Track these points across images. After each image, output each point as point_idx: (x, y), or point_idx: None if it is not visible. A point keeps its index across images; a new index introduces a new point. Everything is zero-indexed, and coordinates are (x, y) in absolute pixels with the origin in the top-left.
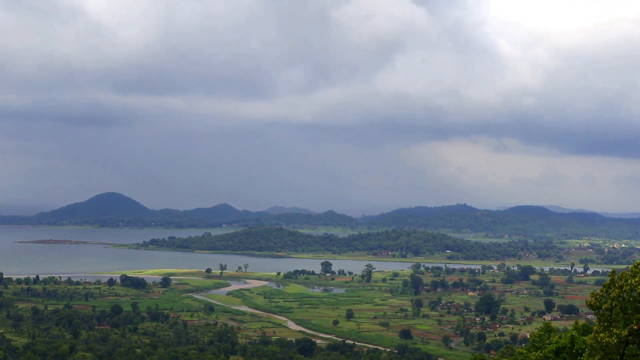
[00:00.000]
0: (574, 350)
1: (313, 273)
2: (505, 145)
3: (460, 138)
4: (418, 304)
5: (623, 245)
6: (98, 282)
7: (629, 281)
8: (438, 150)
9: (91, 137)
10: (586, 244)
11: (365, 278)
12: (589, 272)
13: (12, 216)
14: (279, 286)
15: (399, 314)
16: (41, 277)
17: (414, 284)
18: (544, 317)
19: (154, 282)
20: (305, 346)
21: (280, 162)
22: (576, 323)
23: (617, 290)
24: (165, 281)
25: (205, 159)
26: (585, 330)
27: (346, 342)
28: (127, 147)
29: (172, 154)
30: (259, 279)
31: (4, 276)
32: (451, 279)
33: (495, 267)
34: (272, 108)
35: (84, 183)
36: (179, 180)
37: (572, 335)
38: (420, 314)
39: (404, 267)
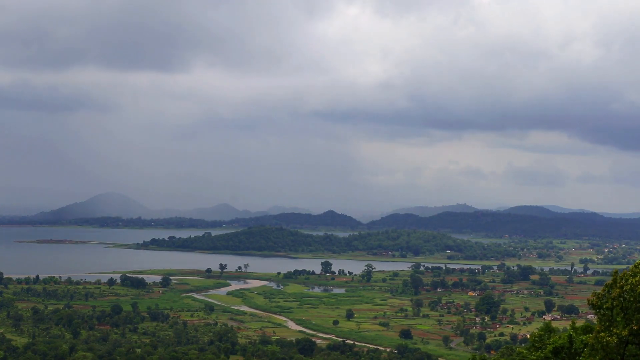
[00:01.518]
0: (573, 350)
1: (313, 273)
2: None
3: (459, 134)
4: (418, 304)
5: (623, 245)
6: (98, 282)
7: (630, 281)
8: (438, 148)
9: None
10: (586, 244)
11: (365, 278)
12: (589, 272)
13: (12, 216)
14: (279, 286)
15: (399, 314)
16: (41, 277)
17: (414, 284)
18: (544, 317)
19: (154, 282)
20: (305, 346)
21: (280, 160)
22: (573, 323)
23: (618, 290)
24: (165, 281)
25: (204, 158)
26: (584, 330)
27: (346, 342)
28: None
29: (172, 152)
30: (259, 278)
31: (4, 276)
32: (451, 279)
33: (495, 267)
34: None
35: (83, 182)
36: (179, 179)
37: (570, 335)
38: (420, 314)
39: (404, 267)
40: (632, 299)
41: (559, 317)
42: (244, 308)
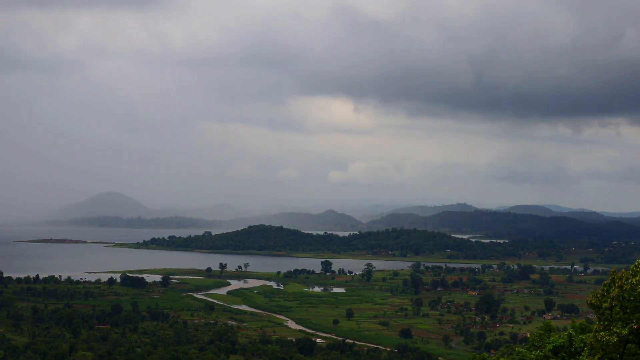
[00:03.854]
0: (572, 349)
1: (313, 272)
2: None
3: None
4: (418, 303)
5: (623, 245)
6: (98, 282)
7: (629, 280)
8: (439, 146)
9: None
10: (586, 244)
11: (365, 277)
12: (589, 271)
13: (13, 216)
14: (279, 285)
15: (399, 313)
16: (41, 276)
17: (414, 283)
18: (544, 316)
19: (154, 282)
20: (305, 345)
21: (280, 159)
22: (573, 322)
23: (617, 289)
24: (165, 280)
25: (204, 158)
26: (583, 329)
27: (346, 341)
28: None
29: (171, 150)
30: (259, 278)
31: (4, 276)
32: (451, 279)
33: (495, 267)
34: None
35: (83, 180)
36: (179, 179)
37: (570, 334)
38: (420, 313)
39: (404, 266)
40: (632, 298)
41: (559, 316)
42: (244, 307)
